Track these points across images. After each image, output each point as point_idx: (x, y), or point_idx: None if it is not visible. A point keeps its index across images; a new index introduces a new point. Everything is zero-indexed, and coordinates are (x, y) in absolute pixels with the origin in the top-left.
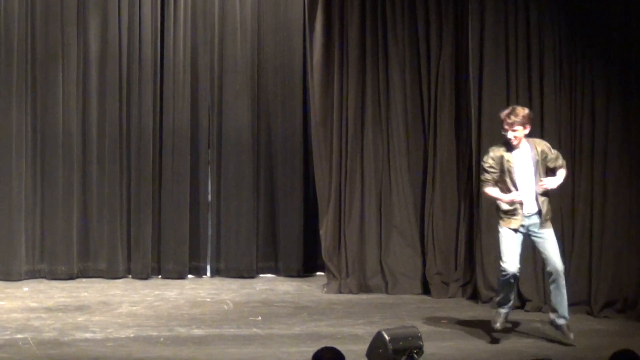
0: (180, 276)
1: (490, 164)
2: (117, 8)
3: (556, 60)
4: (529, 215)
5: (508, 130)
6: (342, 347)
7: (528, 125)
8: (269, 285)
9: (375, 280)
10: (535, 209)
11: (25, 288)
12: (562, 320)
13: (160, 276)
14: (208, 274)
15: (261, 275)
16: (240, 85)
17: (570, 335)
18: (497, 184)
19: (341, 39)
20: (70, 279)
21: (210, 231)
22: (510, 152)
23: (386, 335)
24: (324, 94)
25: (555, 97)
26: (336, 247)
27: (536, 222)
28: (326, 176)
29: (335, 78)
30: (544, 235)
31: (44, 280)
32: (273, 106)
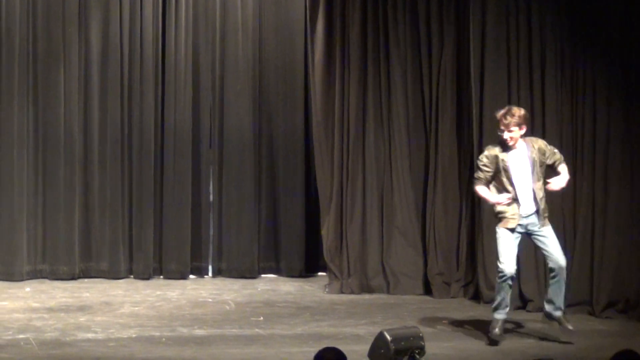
0: (182, 276)
1: (485, 162)
2: (119, 7)
3: (557, 61)
4: (527, 215)
5: (504, 130)
6: (344, 348)
7: (524, 126)
8: (270, 286)
9: (377, 280)
10: (533, 208)
11: (27, 288)
12: (559, 312)
13: (162, 276)
14: (210, 274)
15: (263, 275)
16: (241, 85)
17: (569, 325)
18: (494, 183)
19: (342, 39)
20: (72, 279)
21: (212, 231)
22: (505, 152)
23: (388, 336)
24: (326, 94)
25: (557, 97)
26: (338, 248)
27: (535, 222)
28: (328, 176)
29: (336, 78)
30: (544, 233)
31: (46, 280)
32: (274, 106)
